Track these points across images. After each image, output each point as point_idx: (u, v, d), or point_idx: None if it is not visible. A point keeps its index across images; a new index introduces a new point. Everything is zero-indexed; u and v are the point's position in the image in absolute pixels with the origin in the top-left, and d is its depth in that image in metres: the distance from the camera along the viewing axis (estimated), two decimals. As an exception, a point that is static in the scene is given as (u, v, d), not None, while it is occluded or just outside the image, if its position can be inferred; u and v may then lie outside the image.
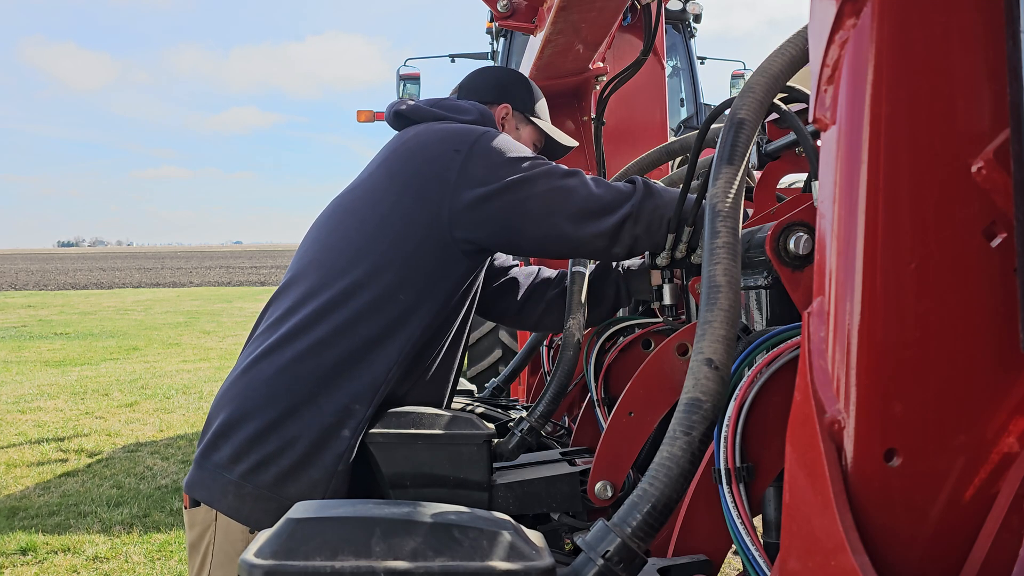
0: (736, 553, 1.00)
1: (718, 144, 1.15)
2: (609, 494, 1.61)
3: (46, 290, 29.65)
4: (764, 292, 1.32)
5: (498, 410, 2.29)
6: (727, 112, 1.22)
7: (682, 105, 7.90)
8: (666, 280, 1.90)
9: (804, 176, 1.51)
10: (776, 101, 1.25)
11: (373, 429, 1.58)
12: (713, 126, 1.55)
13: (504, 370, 2.77)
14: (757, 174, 1.57)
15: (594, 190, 1.66)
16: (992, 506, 0.68)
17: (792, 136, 1.46)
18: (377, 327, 1.62)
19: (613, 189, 1.67)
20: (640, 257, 2.11)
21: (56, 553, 4.08)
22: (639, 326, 2.12)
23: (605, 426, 1.64)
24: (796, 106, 1.39)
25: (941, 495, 0.69)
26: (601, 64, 3.32)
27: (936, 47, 0.67)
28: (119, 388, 8.77)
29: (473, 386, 2.72)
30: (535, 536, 0.95)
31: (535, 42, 3.21)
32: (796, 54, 1.16)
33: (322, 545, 0.86)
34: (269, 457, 1.56)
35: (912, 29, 0.67)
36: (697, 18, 7.53)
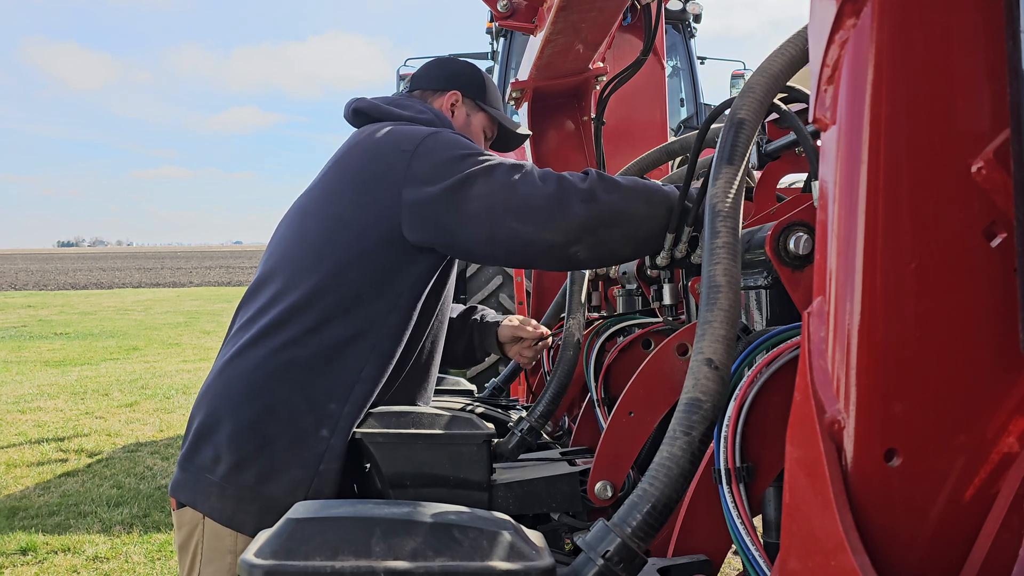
0: (736, 553, 1.00)
1: (718, 144, 1.15)
2: (609, 494, 1.61)
3: (46, 290, 29.65)
4: (764, 292, 1.32)
5: (498, 410, 2.29)
6: (727, 112, 1.22)
7: (682, 105, 7.90)
8: (666, 280, 1.90)
9: (804, 176, 1.51)
10: (776, 101, 1.25)
11: (373, 429, 1.58)
12: (713, 126, 1.55)
13: (504, 370, 2.77)
14: (757, 174, 1.57)
15: (539, 184, 1.58)
16: (992, 506, 0.68)
17: (792, 136, 1.46)
18: (346, 326, 1.63)
19: (563, 181, 1.60)
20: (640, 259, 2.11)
21: (56, 553, 4.08)
22: (639, 326, 2.12)
23: (605, 426, 1.64)
24: (796, 106, 1.39)
25: (941, 495, 0.69)
26: (601, 64, 3.33)
27: (936, 47, 0.67)
28: (119, 388, 8.77)
29: (473, 386, 2.72)
30: (535, 536, 0.95)
31: (535, 42, 3.21)
32: (796, 54, 1.16)
33: (322, 545, 0.86)
34: (248, 457, 1.58)
35: (912, 29, 0.67)
36: (697, 18, 7.54)
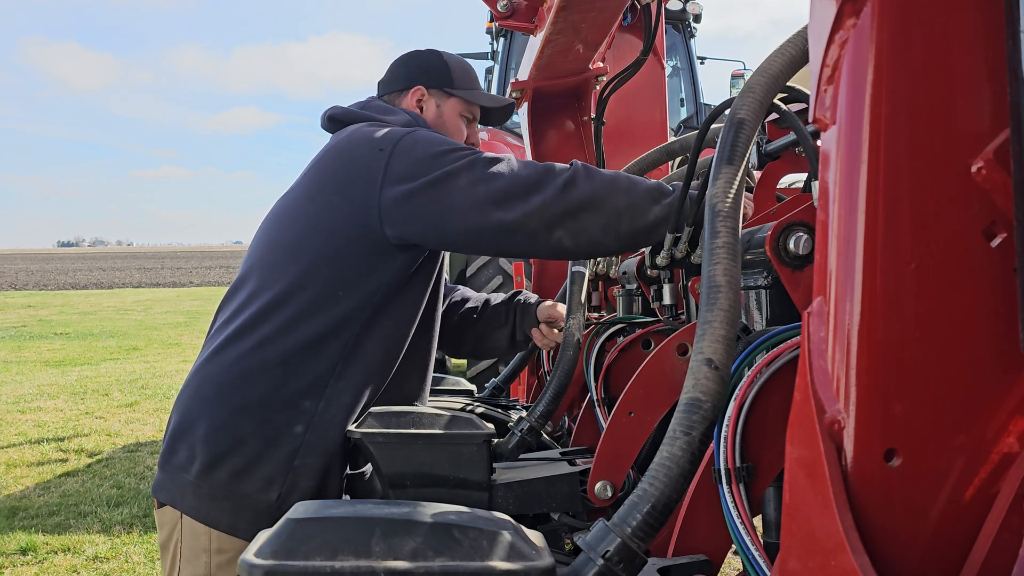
0: (736, 553, 1.00)
1: (718, 144, 1.14)
2: (609, 494, 1.61)
3: (46, 290, 29.65)
4: (764, 292, 1.32)
5: (498, 410, 2.29)
6: (727, 112, 1.22)
7: (682, 105, 7.91)
8: (666, 280, 1.90)
9: (804, 176, 1.51)
10: (776, 101, 1.25)
11: (373, 429, 1.58)
12: (713, 126, 1.55)
13: (504, 370, 2.77)
14: (757, 174, 1.57)
15: (519, 172, 1.62)
16: (992, 506, 0.68)
17: (792, 136, 1.46)
18: (318, 324, 1.65)
19: (542, 168, 1.63)
20: (639, 254, 2.11)
21: (56, 553, 4.08)
22: (639, 326, 2.12)
23: (605, 426, 1.64)
24: (796, 106, 1.39)
25: (941, 495, 0.69)
26: (601, 64, 3.32)
27: (936, 47, 0.67)
28: (119, 388, 8.78)
29: (473, 386, 2.72)
30: (535, 536, 0.95)
31: (535, 42, 3.21)
32: (796, 54, 1.16)
33: (322, 545, 0.86)
34: (222, 455, 1.61)
35: (912, 29, 0.67)
36: (697, 18, 7.55)
